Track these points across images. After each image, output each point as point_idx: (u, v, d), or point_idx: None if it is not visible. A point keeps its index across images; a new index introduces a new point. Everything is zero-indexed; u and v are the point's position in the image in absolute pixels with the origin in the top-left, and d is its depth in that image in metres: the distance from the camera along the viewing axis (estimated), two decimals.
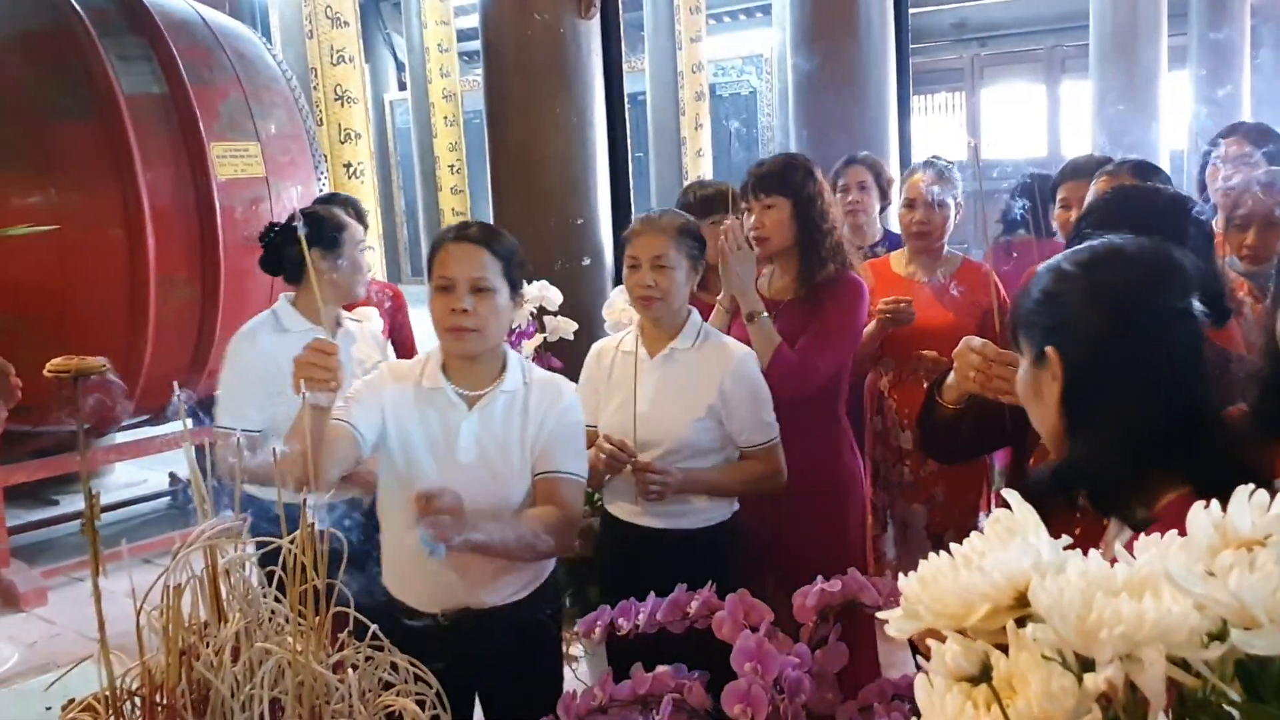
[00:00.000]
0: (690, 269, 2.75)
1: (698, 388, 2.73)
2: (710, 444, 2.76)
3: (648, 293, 2.71)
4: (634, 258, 2.73)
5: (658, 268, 2.69)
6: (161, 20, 5.35)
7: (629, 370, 2.78)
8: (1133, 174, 3.06)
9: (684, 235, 2.73)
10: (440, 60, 12.84)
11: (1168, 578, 0.62)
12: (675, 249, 2.70)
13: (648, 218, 2.80)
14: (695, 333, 2.78)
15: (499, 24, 4.87)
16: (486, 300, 2.32)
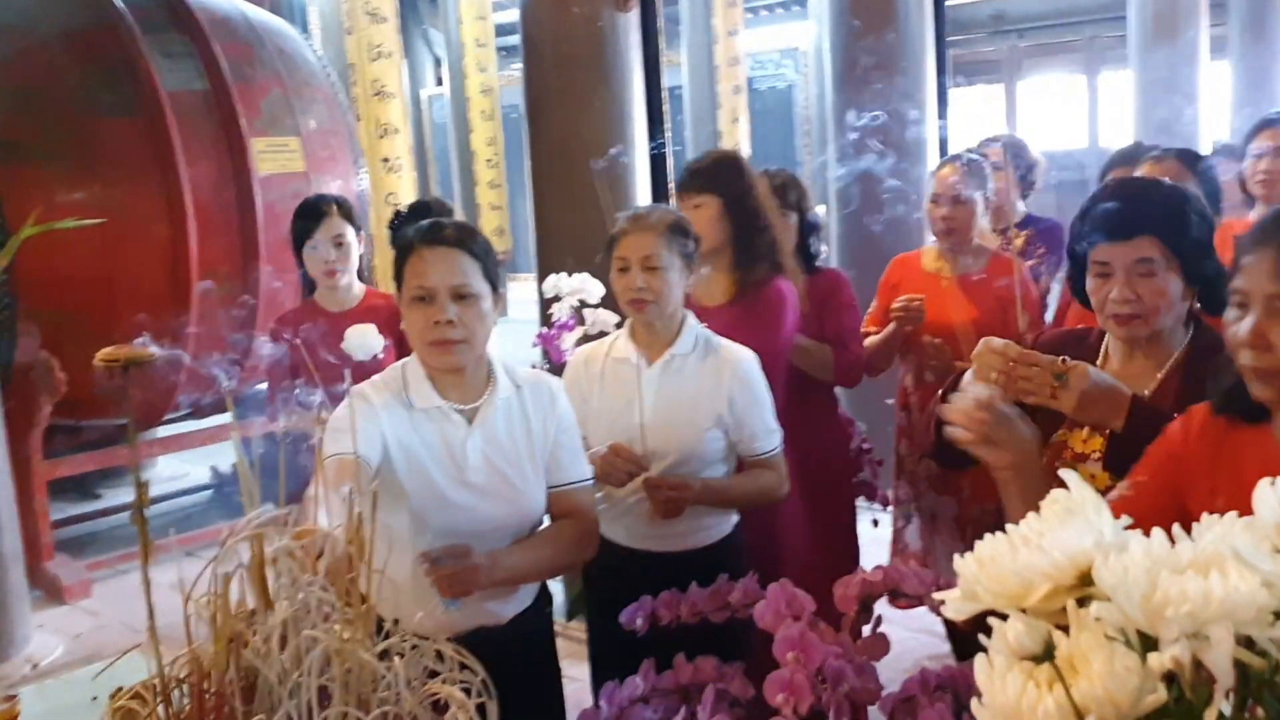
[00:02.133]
0: (684, 268, 2.63)
1: (704, 396, 2.62)
2: (717, 454, 2.67)
3: (639, 295, 2.58)
4: (623, 259, 2.61)
5: (649, 269, 2.57)
6: (203, 17, 5.40)
7: (626, 378, 2.66)
8: (1178, 160, 3.05)
9: (676, 233, 2.61)
10: (478, 55, 12.87)
11: (1235, 555, 0.61)
12: (667, 248, 2.58)
13: (636, 215, 2.67)
14: (694, 337, 2.67)
15: (538, 18, 4.88)
16: (471, 307, 2.15)
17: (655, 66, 5.31)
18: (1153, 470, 1.70)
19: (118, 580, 5.24)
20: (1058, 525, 0.71)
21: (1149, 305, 1.96)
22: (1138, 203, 2.04)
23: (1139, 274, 1.95)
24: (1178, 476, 1.67)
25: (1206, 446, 1.66)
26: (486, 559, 2.11)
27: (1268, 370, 1.52)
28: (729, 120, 11.47)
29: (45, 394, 4.91)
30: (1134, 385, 1.97)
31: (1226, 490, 1.60)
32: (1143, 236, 1.95)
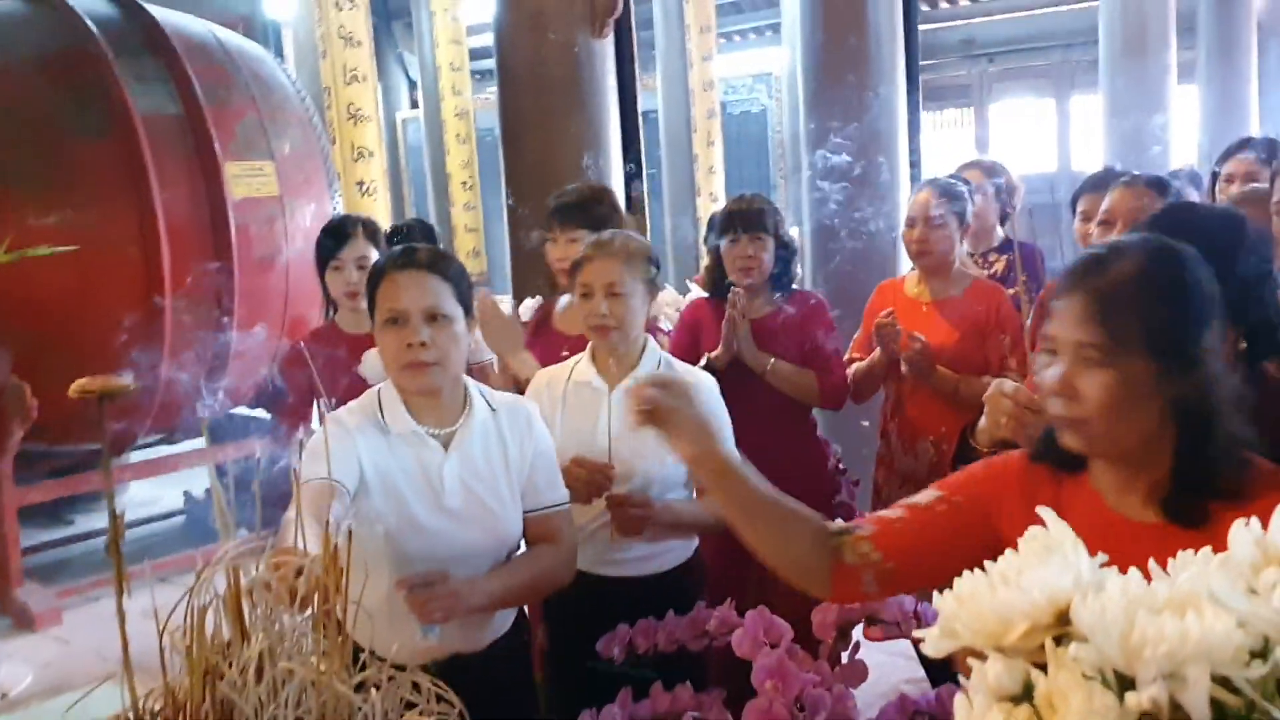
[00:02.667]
0: (646, 294, 2.65)
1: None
2: (679, 479, 2.68)
3: (602, 322, 2.59)
4: (586, 285, 2.61)
5: (612, 295, 2.57)
6: (177, 41, 5.39)
7: (589, 403, 2.66)
8: (1149, 187, 3.07)
9: (638, 259, 2.63)
10: (453, 78, 12.87)
11: (1210, 595, 0.62)
12: (629, 275, 2.59)
13: (598, 241, 2.68)
14: (656, 361, 2.67)
15: (513, 44, 4.89)
16: (444, 329, 2.16)
17: (630, 91, 5.33)
18: (968, 495, 1.68)
19: (89, 607, 5.18)
20: (1036, 563, 0.72)
21: None
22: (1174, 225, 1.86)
23: None
24: (994, 511, 1.64)
25: (1024, 493, 1.63)
26: (465, 585, 2.10)
27: (1076, 420, 1.49)
28: (703, 144, 11.53)
29: (16, 419, 4.87)
30: None
31: None
32: None
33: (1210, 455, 1.47)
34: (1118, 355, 1.44)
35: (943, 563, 1.70)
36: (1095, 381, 1.45)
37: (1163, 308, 1.45)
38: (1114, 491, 1.55)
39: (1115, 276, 1.48)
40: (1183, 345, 1.45)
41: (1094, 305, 1.46)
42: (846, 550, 1.65)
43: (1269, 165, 3.48)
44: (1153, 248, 1.52)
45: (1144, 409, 1.46)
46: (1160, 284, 1.47)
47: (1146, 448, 1.50)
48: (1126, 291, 1.46)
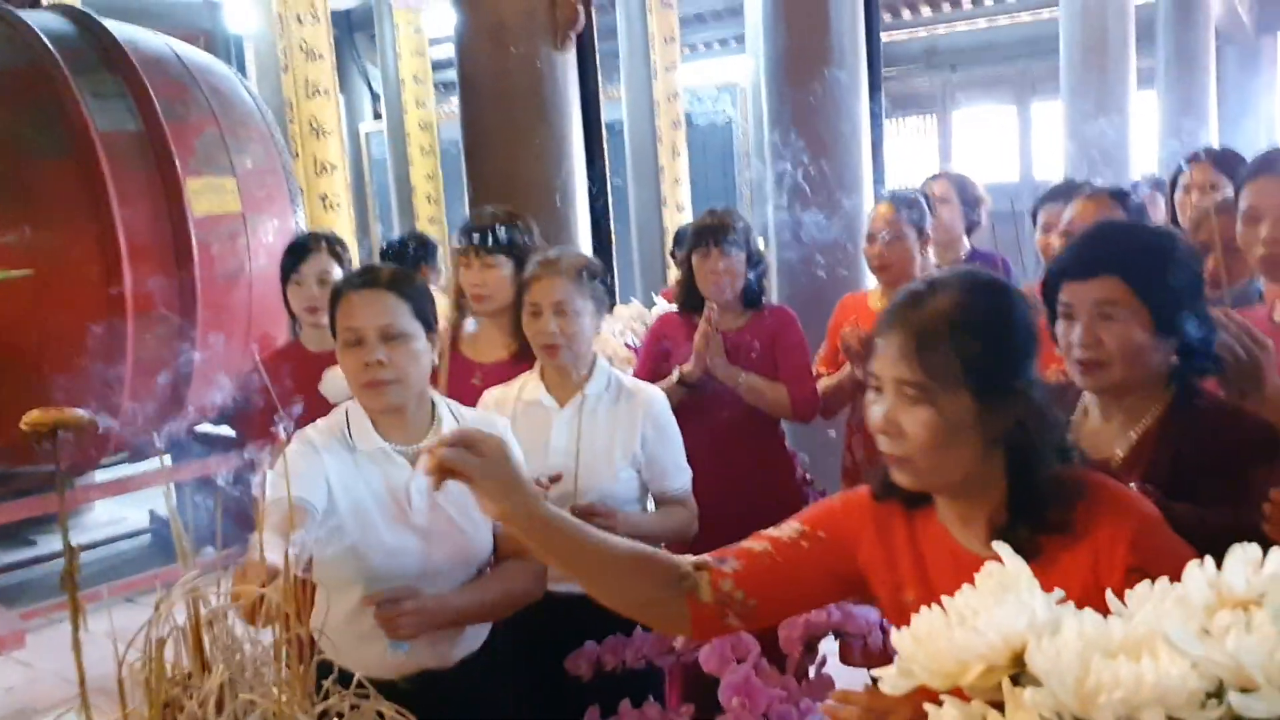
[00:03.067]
0: (596, 312, 2.66)
1: (618, 436, 2.64)
2: (631, 494, 2.69)
3: (551, 340, 2.59)
4: (535, 304, 2.62)
5: (560, 314, 2.58)
6: (136, 57, 5.33)
7: (539, 421, 2.65)
8: (1111, 198, 3.08)
9: (587, 277, 2.63)
10: (415, 91, 12.84)
11: (1165, 639, 0.61)
12: (578, 292, 2.60)
13: (546, 260, 2.67)
14: (605, 378, 2.68)
15: (475, 57, 4.87)
16: (401, 347, 2.17)
17: (594, 103, 5.32)
18: (829, 529, 1.67)
19: (52, 629, 5.11)
20: (991, 603, 0.71)
21: (1111, 352, 1.83)
22: (1104, 241, 1.95)
23: (1100, 316, 1.83)
24: (853, 546, 1.64)
25: (879, 528, 1.63)
26: (433, 601, 2.13)
27: (901, 458, 1.49)
28: (668, 155, 11.54)
29: None
30: (1108, 447, 1.89)
31: (913, 582, 1.57)
32: (1106, 276, 1.83)
33: (1036, 488, 1.46)
34: (936, 392, 1.44)
35: (805, 596, 1.73)
36: (916, 419, 1.45)
37: (979, 343, 1.44)
38: (957, 525, 1.55)
39: (931, 313, 1.47)
40: (1001, 380, 1.45)
41: (910, 343, 1.46)
42: (703, 590, 1.63)
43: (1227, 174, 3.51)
44: (970, 283, 1.52)
45: (966, 445, 1.46)
46: (976, 319, 1.47)
47: (976, 482, 1.50)
48: (942, 328, 1.45)
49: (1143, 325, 1.81)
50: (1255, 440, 1.78)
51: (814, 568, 1.65)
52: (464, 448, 1.57)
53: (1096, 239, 1.97)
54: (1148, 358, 1.83)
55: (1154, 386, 1.88)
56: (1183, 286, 1.84)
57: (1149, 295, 1.80)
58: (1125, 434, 1.89)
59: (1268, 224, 2.22)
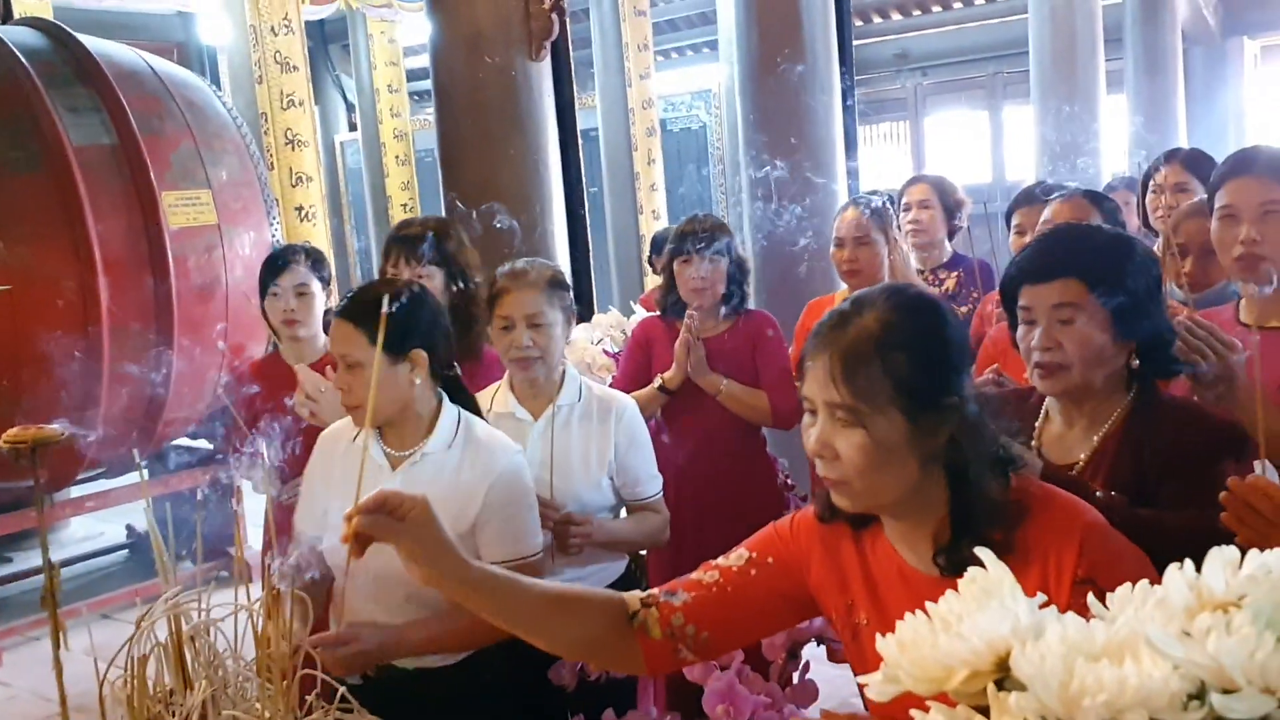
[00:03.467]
0: (565, 322, 2.65)
1: (593, 445, 2.64)
2: (606, 503, 2.68)
3: (525, 354, 2.57)
4: (506, 317, 2.59)
5: (533, 326, 2.57)
6: (110, 71, 5.31)
7: (514, 434, 2.55)
8: (1085, 199, 3.10)
9: (556, 288, 2.63)
10: (390, 100, 12.82)
11: (1147, 642, 0.62)
12: (549, 304, 2.59)
13: (514, 272, 2.64)
14: (577, 387, 2.68)
15: (450, 68, 4.87)
16: (357, 378, 2.24)
17: (569, 111, 5.33)
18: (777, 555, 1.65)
19: (30, 647, 5.08)
20: (975, 608, 0.72)
21: (1071, 355, 1.82)
22: (1062, 243, 1.94)
23: (1059, 320, 1.83)
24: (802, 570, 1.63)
25: (827, 550, 1.61)
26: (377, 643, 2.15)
27: (839, 481, 1.47)
28: (644, 162, 11.55)
29: None
30: (1070, 451, 1.90)
31: (865, 603, 1.56)
32: (1064, 279, 1.83)
33: (975, 506, 1.44)
34: (866, 414, 1.42)
35: (758, 625, 1.71)
36: (849, 442, 1.43)
37: (907, 362, 1.42)
38: (904, 544, 1.54)
39: (856, 334, 1.45)
40: (932, 397, 1.43)
41: (838, 365, 1.44)
42: (652, 627, 1.61)
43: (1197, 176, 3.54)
44: (896, 301, 1.49)
45: (901, 465, 1.44)
46: (903, 338, 1.44)
47: (917, 501, 1.48)
48: (868, 349, 1.43)
49: (1102, 327, 1.82)
50: (1218, 440, 1.79)
51: (765, 595, 1.63)
52: (385, 512, 1.52)
53: (1054, 242, 1.97)
54: (1107, 360, 1.85)
55: (1114, 390, 1.89)
56: (1141, 288, 1.84)
57: (1108, 297, 1.81)
58: (1087, 438, 1.89)
59: (1245, 224, 2.23)
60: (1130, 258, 1.86)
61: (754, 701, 2.05)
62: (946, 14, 13.69)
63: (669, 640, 1.60)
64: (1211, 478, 1.71)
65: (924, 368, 1.43)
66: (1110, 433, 1.87)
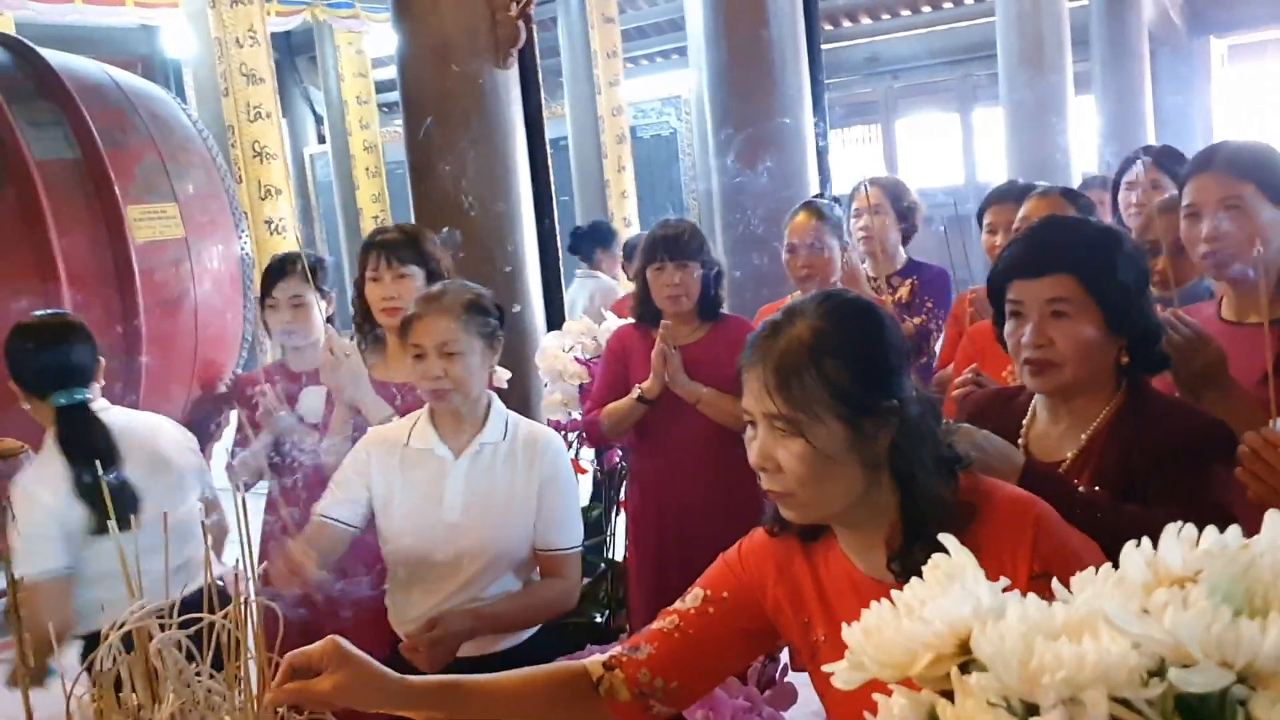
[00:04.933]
0: (486, 349, 2.47)
1: (518, 487, 2.46)
2: (528, 543, 2.50)
3: (438, 385, 2.40)
4: (418, 345, 2.42)
5: (447, 355, 2.39)
6: (72, 84, 5.27)
7: (433, 473, 2.46)
8: (1062, 196, 3.11)
9: (474, 312, 2.44)
10: (359, 112, 12.82)
11: (1105, 618, 0.62)
12: (465, 331, 2.41)
13: (428, 297, 2.48)
14: (503, 423, 2.51)
15: (417, 77, 4.86)
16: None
17: (537, 120, 5.32)
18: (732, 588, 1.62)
19: None
20: (938, 592, 0.72)
21: (1063, 351, 1.80)
22: (1054, 237, 1.92)
23: (1051, 314, 1.81)
24: (760, 597, 1.60)
25: (780, 570, 1.59)
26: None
27: (783, 493, 1.46)
28: (614, 169, 11.58)
29: None
30: (1058, 449, 1.88)
31: (820, 619, 1.53)
32: (1057, 274, 1.81)
33: (922, 509, 1.42)
34: (804, 424, 1.40)
35: (724, 664, 1.67)
36: (790, 453, 1.42)
37: (841, 368, 1.41)
38: (857, 553, 1.52)
39: (788, 344, 1.43)
40: (870, 402, 1.42)
41: (772, 376, 1.42)
42: (619, 690, 1.57)
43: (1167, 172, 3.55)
44: (828, 307, 1.47)
45: (844, 472, 1.42)
46: (835, 344, 1.42)
47: (866, 508, 1.46)
48: (800, 357, 1.42)
49: (1094, 323, 1.80)
50: (1206, 437, 1.78)
51: (726, 633, 1.60)
52: (297, 673, 1.45)
53: (1044, 235, 1.95)
54: (1098, 356, 1.83)
55: (1102, 386, 1.87)
56: (1132, 283, 1.83)
57: (1101, 292, 1.79)
58: (1075, 435, 1.87)
59: (1207, 220, 2.24)
60: (1120, 251, 1.85)
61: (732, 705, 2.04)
62: (916, 17, 13.79)
63: (639, 700, 1.57)
64: (1200, 475, 1.73)
65: (859, 373, 1.42)
66: (1099, 429, 1.86)
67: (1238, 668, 0.61)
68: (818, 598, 1.54)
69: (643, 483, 3.46)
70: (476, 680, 1.57)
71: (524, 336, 4.77)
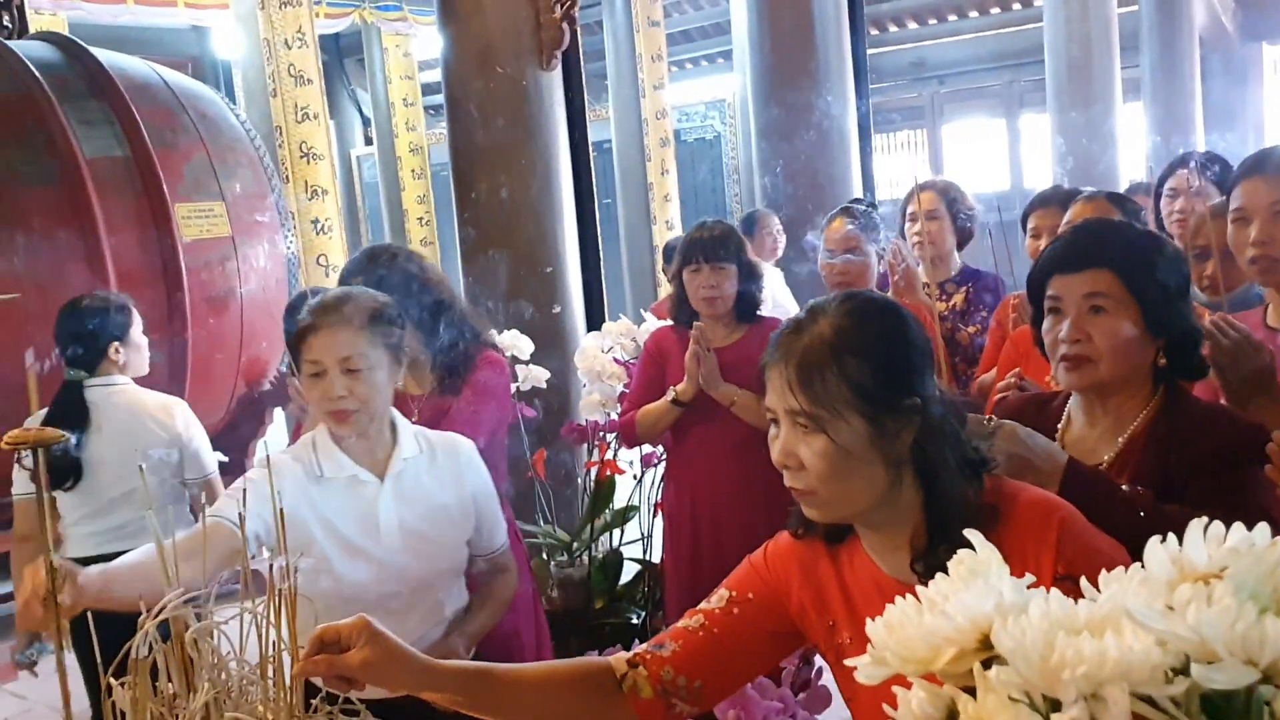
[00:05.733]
0: (392, 363, 2.21)
1: (450, 501, 2.29)
2: (463, 568, 2.37)
3: (340, 405, 2.13)
4: (315, 362, 2.14)
5: (349, 372, 2.13)
6: (123, 84, 5.35)
7: (362, 499, 2.23)
8: (1109, 201, 3.07)
9: (378, 323, 2.18)
10: (406, 114, 12.91)
11: (1128, 615, 0.61)
12: (369, 344, 2.15)
13: (323, 306, 2.18)
14: (413, 438, 2.30)
15: (462, 78, 4.89)
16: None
17: (581, 122, 5.34)
18: (757, 589, 1.61)
19: (46, 661, 5.08)
20: (962, 587, 0.72)
21: (1100, 347, 1.78)
22: (1095, 234, 1.90)
23: (1090, 309, 1.79)
24: (784, 599, 1.59)
25: (805, 572, 1.58)
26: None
27: (806, 490, 1.46)
28: (657, 172, 11.59)
29: None
30: (1094, 453, 1.85)
31: (846, 621, 1.52)
32: (1097, 269, 1.79)
33: (948, 510, 1.42)
34: (826, 420, 1.41)
35: (749, 665, 1.64)
36: (812, 449, 1.42)
37: (864, 366, 1.41)
38: (882, 555, 1.51)
39: (810, 341, 1.44)
40: (892, 400, 1.42)
41: (794, 373, 1.43)
42: (642, 687, 1.56)
43: (1211, 178, 3.51)
44: (851, 306, 1.47)
45: (867, 470, 1.42)
46: (858, 342, 1.43)
47: (889, 507, 1.46)
48: (822, 355, 1.42)
49: (1133, 320, 1.78)
50: (1246, 442, 1.74)
51: (752, 633, 1.59)
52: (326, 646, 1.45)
53: (1086, 233, 1.93)
54: (1135, 355, 1.80)
55: (1139, 388, 1.84)
56: (1172, 284, 1.80)
57: (1140, 290, 1.77)
58: (1112, 439, 1.84)
59: (1257, 225, 2.21)
60: (1161, 252, 1.82)
61: (765, 707, 2.03)
62: (963, 22, 13.72)
63: (661, 698, 1.56)
64: (1240, 480, 1.70)
65: (881, 371, 1.42)
66: (1136, 433, 1.83)
67: (1263, 666, 0.60)
68: (843, 600, 1.53)
69: (678, 484, 3.45)
70: (503, 669, 1.57)
71: (564, 337, 4.79)
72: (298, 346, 2.19)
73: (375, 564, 2.21)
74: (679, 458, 3.46)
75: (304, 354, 2.16)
